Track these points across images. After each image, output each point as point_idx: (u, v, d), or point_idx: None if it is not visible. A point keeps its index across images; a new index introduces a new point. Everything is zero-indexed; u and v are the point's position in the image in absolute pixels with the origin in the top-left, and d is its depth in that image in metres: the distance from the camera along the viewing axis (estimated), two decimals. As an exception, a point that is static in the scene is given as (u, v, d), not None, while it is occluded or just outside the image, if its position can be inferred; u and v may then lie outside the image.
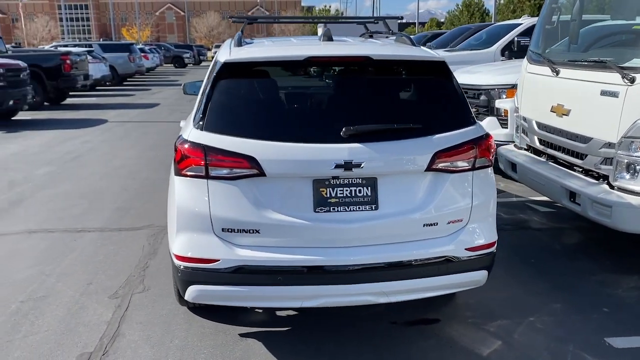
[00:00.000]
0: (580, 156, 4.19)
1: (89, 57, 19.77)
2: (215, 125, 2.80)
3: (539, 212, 5.58)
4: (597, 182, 4.00)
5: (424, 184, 2.86)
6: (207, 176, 2.75)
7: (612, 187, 3.85)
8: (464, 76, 7.11)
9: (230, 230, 2.77)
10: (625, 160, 3.71)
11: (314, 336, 3.32)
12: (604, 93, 3.87)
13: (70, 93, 17.09)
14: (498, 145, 5.84)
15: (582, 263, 4.35)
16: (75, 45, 24.27)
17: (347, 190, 2.78)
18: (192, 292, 2.86)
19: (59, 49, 20.22)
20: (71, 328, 3.42)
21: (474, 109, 6.81)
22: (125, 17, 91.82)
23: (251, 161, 2.70)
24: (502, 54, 9.03)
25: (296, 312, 3.56)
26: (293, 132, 2.77)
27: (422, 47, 3.32)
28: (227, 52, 3.06)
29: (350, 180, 2.78)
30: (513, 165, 5.01)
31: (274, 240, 2.77)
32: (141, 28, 71.70)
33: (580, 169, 4.26)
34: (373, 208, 2.81)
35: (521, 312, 3.58)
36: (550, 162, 4.64)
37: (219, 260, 2.77)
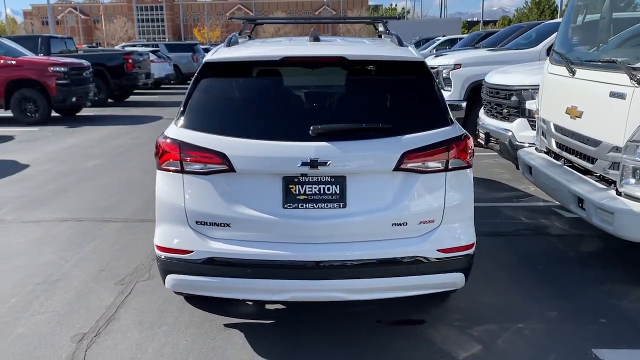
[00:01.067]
0: (592, 160, 4.03)
1: (154, 57, 20.73)
2: (192, 123, 2.94)
3: (562, 217, 5.38)
4: (605, 187, 3.83)
5: (393, 184, 2.87)
6: (182, 171, 2.89)
7: (619, 193, 3.68)
8: (497, 76, 6.94)
9: (203, 223, 2.90)
10: (631, 165, 3.54)
11: (295, 330, 3.40)
12: (612, 94, 3.70)
13: (135, 91, 17.97)
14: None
15: (593, 271, 4.17)
16: (143, 45, 25.43)
17: (315, 187, 2.84)
18: (170, 281, 3.01)
19: (126, 48, 21.23)
20: (74, 310, 3.67)
21: (504, 110, 6.65)
22: (197, 18, 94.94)
23: (222, 157, 2.81)
24: (548, 54, 8.68)
25: (285, 306, 3.65)
26: (263, 130, 2.86)
27: (409, 47, 3.30)
28: (212, 52, 3.20)
29: (318, 178, 2.83)
30: (529, 169, 4.86)
31: (244, 234, 2.87)
32: (211, 29, 73.91)
33: (597, 174, 4.09)
34: (341, 206, 2.85)
35: (512, 318, 3.49)
36: (565, 167, 4.47)
37: (192, 251, 2.90)
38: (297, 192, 2.84)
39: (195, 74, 3.05)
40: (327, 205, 2.85)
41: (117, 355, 3.14)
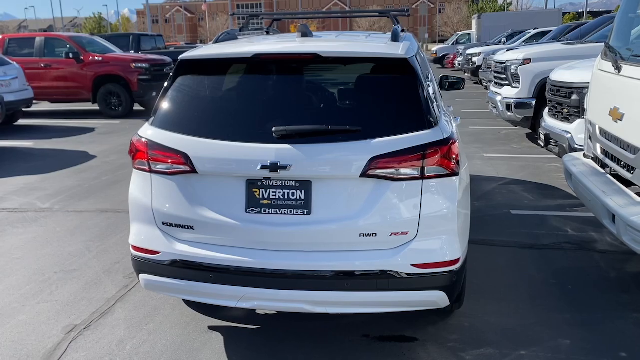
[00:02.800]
0: (631, 169, 3.53)
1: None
2: (162, 122, 2.89)
3: (616, 231, 4.79)
4: (642, 202, 3.34)
5: (362, 191, 2.64)
6: (150, 170, 2.85)
7: (656, 209, 3.18)
8: (559, 73, 6.35)
9: (169, 224, 2.85)
10: (667, 178, 3.05)
11: (276, 337, 3.27)
12: (651, 95, 3.21)
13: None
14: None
15: (630, 297, 3.66)
16: (233, 42, 26.25)
17: (279, 192, 2.69)
18: (143, 281, 3.01)
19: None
20: (77, 301, 3.78)
21: (565, 110, 6.06)
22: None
23: (184, 157, 2.74)
24: (632, 47, 7.81)
25: (275, 313, 3.53)
26: (227, 130, 2.75)
27: (400, 43, 3.01)
28: (193, 50, 3.13)
29: (283, 182, 2.68)
30: (571, 176, 4.37)
31: (206, 237, 2.79)
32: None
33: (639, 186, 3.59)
34: (305, 212, 2.67)
35: (516, 343, 3.14)
36: (608, 176, 3.96)
37: (159, 252, 2.87)
38: (261, 197, 2.71)
39: (171, 72, 3.01)
40: (290, 212, 2.69)
41: (97, 350, 3.19)
